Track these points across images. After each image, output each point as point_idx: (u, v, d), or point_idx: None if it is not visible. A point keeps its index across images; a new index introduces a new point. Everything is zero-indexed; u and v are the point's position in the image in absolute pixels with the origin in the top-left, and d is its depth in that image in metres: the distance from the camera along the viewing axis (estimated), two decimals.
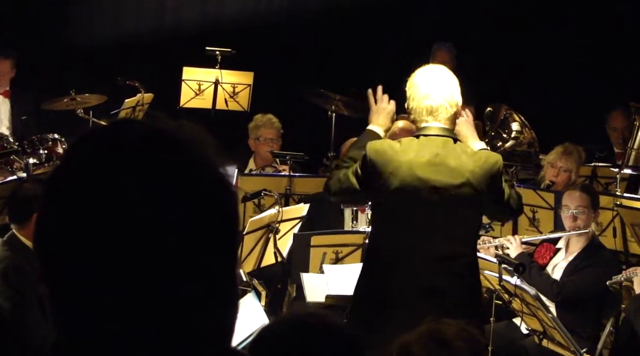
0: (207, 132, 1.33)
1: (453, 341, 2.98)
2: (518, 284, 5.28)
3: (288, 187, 7.02)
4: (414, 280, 4.40)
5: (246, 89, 8.56)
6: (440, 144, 4.42)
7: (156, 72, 8.81)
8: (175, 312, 1.18)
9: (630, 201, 6.64)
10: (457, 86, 4.52)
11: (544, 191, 6.99)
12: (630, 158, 8.22)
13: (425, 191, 4.38)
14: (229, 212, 1.26)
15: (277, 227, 5.93)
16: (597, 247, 6.26)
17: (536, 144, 8.31)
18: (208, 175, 1.24)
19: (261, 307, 4.97)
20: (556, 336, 5.38)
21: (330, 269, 5.57)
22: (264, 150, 7.82)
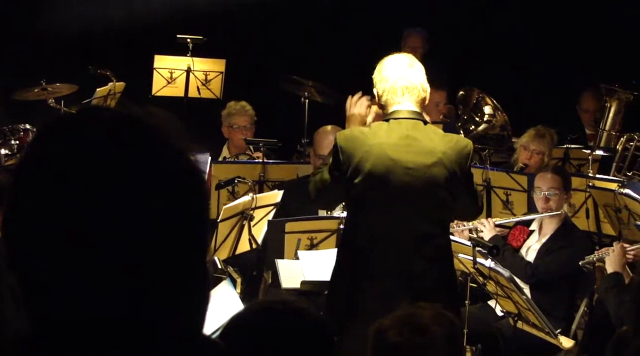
0: (176, 119, 1.32)
1: (429, 326, 2.99)
2: (492, 267, 5.31)
3: (262, 174, 7.01)
4: (389, 263, 4.42)
5: (218, 77, 8.54)
6: (410, 126, 4.46)
7: (127, 60, 8.76)
8: (143, 301, 1.18)
9: (603, 182, 6.69)
10: (423, 72, 4.58)
11: (517, 174, 7.02)
12: (602, 139, 8.28)
13: (397, 171, 4.41)
14: (198, 199, 1.26)
15: (251, 213, 5.93)
16: (570, 228, 6.30)
17: (509, 127, 8.35)
18: (176, 162, 1.24)
19: (236, 294, 4.96)
20: (531, 317, 5.42)
21: (305, 255, 5.58)
22: (238, 137, 7.80)
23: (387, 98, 4.51)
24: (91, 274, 1.16)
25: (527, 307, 5.34)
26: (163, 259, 1.19)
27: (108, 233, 1.16)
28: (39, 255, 1.17)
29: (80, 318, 1.17)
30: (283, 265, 5.58)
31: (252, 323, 2.27)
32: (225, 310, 4.49)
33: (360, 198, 4.50)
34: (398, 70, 4.52)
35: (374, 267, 4.45)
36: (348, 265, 4.54)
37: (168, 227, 1.20)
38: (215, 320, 4.32)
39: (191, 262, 1.24)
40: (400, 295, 4.30)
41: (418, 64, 4.60)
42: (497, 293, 5.53)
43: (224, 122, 7.89)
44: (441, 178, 4.42)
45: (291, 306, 2.31)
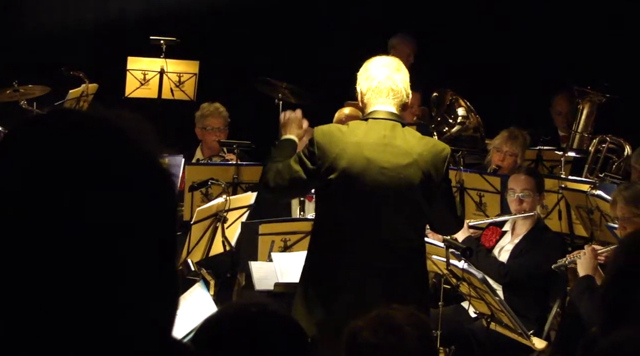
0: (146, 121, 1.31)
1: (402, 326, 2.99)
2: (465, 268, 5.32)
3: (235, 176, 6.99)
4: (361, 263, 4.42)
5: (192, 78, 8.51)
6: (388, 127, 4.47)
7: (100, 62, 8.73)
8: (110, 305, 1.17)
9: (575, 184, 6.72)
10: (407, 76, 4.60)
11: (490, 175, 7.05)
12: (575, 141, 8.33)
13: (372, 171, 4.41)
14: (166, 201, 1.25)
15: (224, 215, 5.91)
16: (543, 229, 6.32)
17: (482, 129, 8.38)
18: (145, 165, 1.23)
19: (210, 297, 4.95)
20: (504, 319, 5.44)
21: (279, 257, 5.58)
22: (211, 139, 7.78)
23: (369, 97, 4.52)
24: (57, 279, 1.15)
25: (500, 308, 5.35)
26: (131, 262, 1.18)
27: (76, 237, 1.15)
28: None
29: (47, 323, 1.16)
30: (256, 267, 5.57)
31: (224, 326, 2.27)
32: (199, 313, 4.48)
33: (333, 196, 4.49)
34: (385, 71, 4.53)
35: (344, 267, 4.45)
36: (320, 264, 4.54)
37: (136, 230, 1.19)
38: (188, 322, 4.30)
39: (160, 265, 1.23)
40: (371, 296, 4.31)
41: (405, 69, 4.62)
42: (471, 294, 5.55)
43: (198, 123, 7.87)
44: (416, 180, 4.43)
45: (264, 309, 2.30)
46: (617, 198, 5.09)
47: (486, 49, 9.76)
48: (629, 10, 9.28)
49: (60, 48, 9.21)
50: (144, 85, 8.41)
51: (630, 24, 9.25)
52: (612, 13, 9.37)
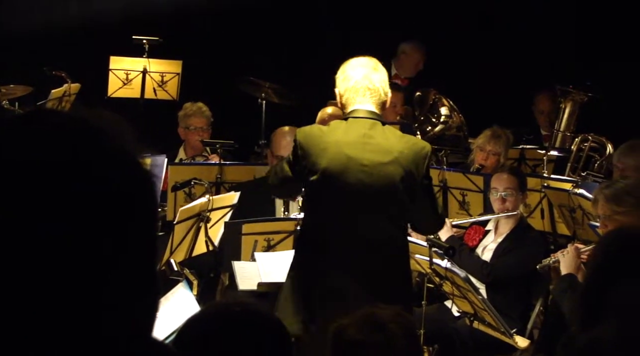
0: (127, 122, 1.31)
1: (388, 324, 3.01)
2: (448, 267, 5.33)
3: (219, 176, 6.98)
4: (344, 262, 4.44)
5: (175, 78, 8.50)
6: (368, 125, 4.50)
7: (83, 61, 8.69)
8: (90, 306, 1.17)
9: (558, 182, 6.74)
10: (386, 76, 4.63)
11: (473, 174, 7.06)
12: (557, 140, 8.36)
13: (353, 169, 4.44)
14: (147, 202, 1.25)
15: (208, 215, 5.90)
16: (525, 228, 6.34)
17: (465, 128, 8.41)
18: (126, 166, 1.23)
19: (193, 297, 4.94)
20: (487, 317, 5.45)
21: (262, 257, 5.57)
22: (194, 139, 7.77)
23: (348, 96, 4.55)
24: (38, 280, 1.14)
25: (482, 307, 5.37)
26: (112, 262, 1.18)
27: (56, 238, 1.14)
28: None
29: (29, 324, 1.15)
30: (239, 266, 5.57)
31: (206, 326, 2.26)
32: (182, 313, 4.47)
33: (317, 196, 4.52)
34: (362, 71, 4.57)
35: (330, 266, 4.46)
36: (305, 263, 4.55)
37: (116, 230, 1.19)
38: (171, 322, 4.30)
39: (141, 265, 1.23)
40: (356, 294, 4.34)
41: (382, 68, 4.66)
42: (454, 293, 5.56)
43: (181, 123, 7.85)
44: (397, 177, 4.45)
45: (246, 308, 2.30)
46: (599, 197, 5.10)
47: (469, 48, 9.78)
48: (610, 10, 9.32)
49: (43, 48, 9.17)
50: (127, 85, 8.39)
51: (611, 22, 9.29)
52: (594, 12, 9.40)
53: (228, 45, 9.69)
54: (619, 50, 9.14)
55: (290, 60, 9.54)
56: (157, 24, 9.03)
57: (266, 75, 8.51)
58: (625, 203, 4.93)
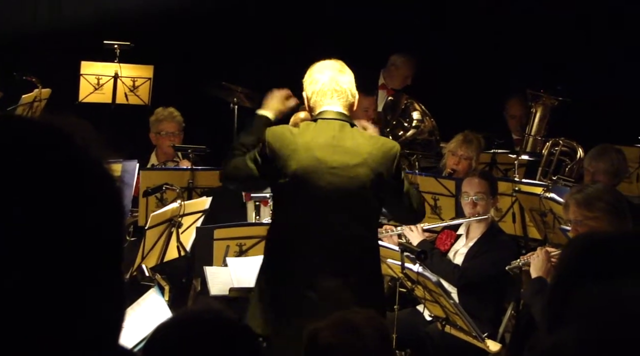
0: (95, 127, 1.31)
1: (362, 328, 3.01)
2: (420, 271, 5.34)
3: (190, 181, 6.97)
4: (314, 265, 4.45)
5: (146, 83, 8.47)
6: (337, 127, 4.52)
7: (54, 66, 8.65)
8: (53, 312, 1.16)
9: (528, 187, 6.77)
10: (352, 78, 4.66)
11: (445, 179, 7.08)
12: (528, 144, 8.40)
13: (322, 171, 4.45)
14: (113, 206, 1.24)
15: (179, 220, 5.89)
16: (497, 232, 6.37)
17: (437, 132, 8.43)
18: (91, 170, 1.22)
19: (165, 302, 4.93)
20: (458, 321, 5.46)
21: (234, 262, 5.57)
22: (166, 144, 7.75)
23: (315, 99, 4.57)
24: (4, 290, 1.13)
25: (454, 311, 5.38)
26: (76, 268, 1.17)
27: (17, 240, 1.14)
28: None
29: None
30: (211, 272, 5.56)
31: (176, 334, 2.25)
32: (154, 318, 4.46)
33: (286, 198, 4.53)
34: (328, 73, 4.58)
35: (298, 268, 4.46)
36: (274, 265, 4.56)
37: (81, 235, 1.18)
38: (142, 328, 4.28)
39: (105, 271, 1.22)
40: (326, 298, 4.35)
41: (349, 70, 4.67)
42: (426, 297, 5.56)
43: (152, 128, 7.83)
44: (366, 179, 4.47)
45: (217, 316, 2.29)
46: (570, 202, 5.12)
47: (440, 52, 9.80)
48: (582, 15, 9.37)
49: (13, 53, 9.12)
50: (98, 90, 8.36)
51: (583, 27, 9.34)
52: (565, 17, 9.46)
53: (199, 50, 9.67)
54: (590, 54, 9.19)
55: (263, 64, 9.53)
56: (128, 28, 9.00)
57: (238, 79, 8.50)
58: (596, 208, 4.95)
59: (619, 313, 0.94)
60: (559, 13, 9.48)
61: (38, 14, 9.53)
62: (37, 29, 9.40)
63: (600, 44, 9.22)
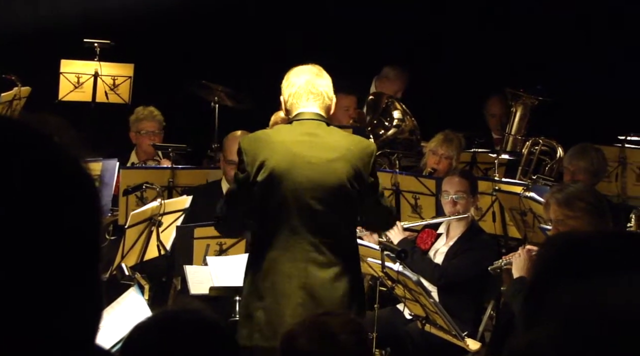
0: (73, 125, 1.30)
1: (339, 334, 3.02)
2: (400, 270, 5.35)
3: (171, 180, 6.96)
4: (295, 261, 4.46)
5: (127, 81, 8.45)
6: (313, 125, 4.58)
7: (33, 65, 8.61)
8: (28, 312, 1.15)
9: (508, 186, 6.79)
10: (329, 82, 4.68)
11: (425, 178, 7.09)
12: (508, 143, 8.43)
13: (300, 166, 4.49)
14: (89, 205, 1.24)
15: (159, 219, 5.87)
16: (477, 231, 6.38)
17: (417, 132, 8.44)
18: (68, 168, 1.22)
19: (144, 301, 4.92)
20: (438, 320, 5.47)
21: (214, 261, 5.57)
22: (146, 143, 7.73)
23: (292, 102, 4.59)
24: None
25: (434, 310, 5.39)
26: (51, 268, 1.17)
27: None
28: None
29: None
30: (191, 271, 5.56)
31: (154, 334, 2.24)
32: (133, 317, 4.45)
33: (265, 195, 4.53)
34: (305, 76, 4.61)
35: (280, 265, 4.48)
36: (255, 265, 4.57)
37: (56, 233, 1.18)
38: (122, 327, 4.27)
39: (81, 270, 1.21)
40: (307, 296, 4.39)
41: (326, 74, 4.72)
42: (406, 296, 5.57)
43: (132, 127, 7.81)
44: (344, 174, 4.49)
45: (194, 316, 2.28)
46: (550, 201, 5.13)
47: (421, 52, 9.82)
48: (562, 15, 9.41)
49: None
50: (78, 88, 8.33)
51: (563, 27, 9.38)
52: (545, 17, 9.49)
53: (180, 49, 9.65)
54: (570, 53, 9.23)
55: (244, 63, 9.52)
56: (109, 26, 8.97)
57: (219, 78, 8.49)
58: (577, 207, 4.97)
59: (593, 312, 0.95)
60: (539, 12, 9.51)
61: (17, 11, 9.48)
62: (17, 26, 9.35)
63: (580, 44, 9.25)
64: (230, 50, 9.69)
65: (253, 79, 9.13)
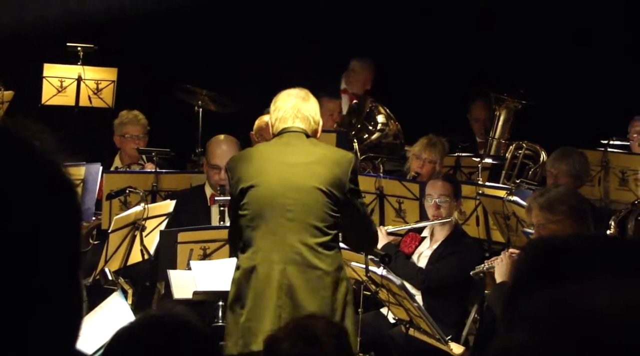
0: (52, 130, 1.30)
1: (322, 338, 3.02)
2: (384, 274, 5.36)
3: (154, 184, 6.94)
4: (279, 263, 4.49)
5: (110, 85, 8.43)
6: (293, 136, 4.67)
7: (16, 68, 8.58)
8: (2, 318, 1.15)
9: (492, 190, 6.80)
10: (316, 107, 4.77)
11: (409, 182, 7.09)
12: (492, 147, 8.44)
13: (279, 170, 4.56)
14: (68, 210, 1.23)
15: (143, 224, 5.86)
16: (460, 234, 6.40)
17: (401, 136, 8.46)
18: (44, 174, 1.22)
19: (128, 306, 4.91)
20: (422, 324, 5.48)
21: (198, 265, 5.56)
22: (130, 147, 7.71)
23: (278, 125, 4.74)
24: None
25: (418, 314, 5.40)
26: (29, 273, 1.16)
27: None
28: None
29: None
30: (175, 275, 5.55)
31: (136, 338, 2.23)
32: (116, 322, 4.44)
33: (245, 201, 4.59)
34: (291, 101, 4.71)
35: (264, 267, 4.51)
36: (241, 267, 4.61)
37: (35, 238, 1.17)
38: (105, 332, 4.26)
39: (60, 276, 1.21)
40: (291, 299, 4.42)
41: (313, 98, 4.81)
42: (390, 300, 5.58)
43: (116, 131, 7.79)
44: (321, 176, 4.54)
45: (177, 320, 2.28)
46: (533, 205, 5.15)
47: (405, 56, 9.83)
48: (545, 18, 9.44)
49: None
50: (61, 92, 8.30)
51: (545, 30, 9.41)
52: (528, 20, 9.52)
53: (164, 53, 9.63)
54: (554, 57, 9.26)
55: (228, 67, 9.51)
56: (92, 31, 8.95)
57: (203, 82, 8.48)
58: (559, 211, 4.98)
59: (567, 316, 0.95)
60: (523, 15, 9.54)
61: (1, 15, 9.45)
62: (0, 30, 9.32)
63: (562, 48, 9.29)
64: (214, 54, 9.68)
65: (237, 83, 9.12)
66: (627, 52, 8.99)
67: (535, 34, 9.44)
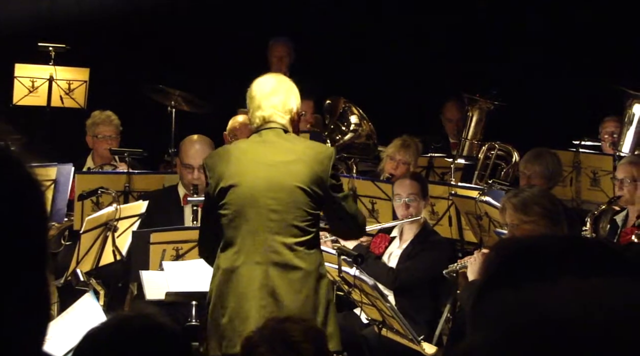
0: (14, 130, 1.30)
1: (300, 343, 3.02)
2: (357, 275, 5.35)
3: (127, 185, 6.91)
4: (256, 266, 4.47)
5: (82, 86, 8.39)
6: (271, 133, 4.64)
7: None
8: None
9: (465, 190, 6.83)
10: (291, 93, 4.69)
11: (382, 182, 7.11)
12: (465, 148, 8.46)
13: (259, 169, 4.54)
14: (35, 211, 1.23)
15: (115, 224, 5.84)
16: (429, 232, 6.42)
17: (374, 136, 8.45)
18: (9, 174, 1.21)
19: (100, 307, 4.89)
20: (395, 325, 5.48)
21: (170, 266, 5.54)
22: (102, 147, 7.68)
23: (254, 114, 4.73)
24: None
25: (390, 314, 5.40)
26: None
27: None
28: None
29: None
30: (147, 276, 5.53)
31: (106, 340, 2.22)
32: (88, 324, 4.41)
33: (225, 200, 4.55)
34: (265, 88, 4.67)
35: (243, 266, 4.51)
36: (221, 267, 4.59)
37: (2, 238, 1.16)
38: (77, 333, 4.24)
39: (27, 277, 1.20)
40: (270, 299, 4.42)
41: (287, 84, 4.74)
42: (362, 301, 5.58)
43: (89, 131, 7.76)
44: (301, 175, 4.54)
45: (148, 321, 2.26)
46: (506, 205, 5.17)
47: (376, 56, 9.84)
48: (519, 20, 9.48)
49: None
50: (33, 92, 8.25)
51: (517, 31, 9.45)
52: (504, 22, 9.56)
53: (136, 53, 9.60)
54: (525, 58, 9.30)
55: (200, 68, 9.49)
56: (64, 30, 8.90)
57: (175, 83, 8.45)
58: (532, 212, 5.01)
59: (528, 318, 0.95)
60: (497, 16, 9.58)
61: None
62: None
63: (536, 47, 9.33)
64: (187, 54, 9.66)
65: (210, 83, 9.11)
66: (598, 53, 9.03)
67: (508, 34, 9.47)
